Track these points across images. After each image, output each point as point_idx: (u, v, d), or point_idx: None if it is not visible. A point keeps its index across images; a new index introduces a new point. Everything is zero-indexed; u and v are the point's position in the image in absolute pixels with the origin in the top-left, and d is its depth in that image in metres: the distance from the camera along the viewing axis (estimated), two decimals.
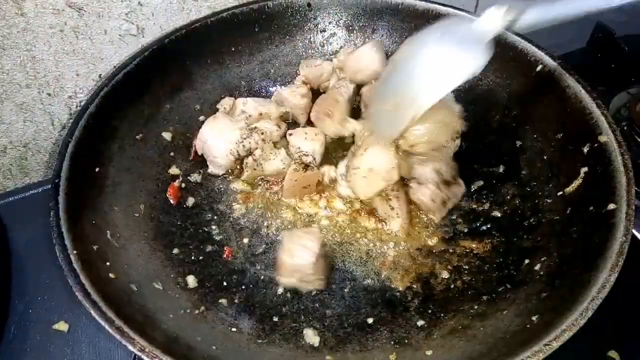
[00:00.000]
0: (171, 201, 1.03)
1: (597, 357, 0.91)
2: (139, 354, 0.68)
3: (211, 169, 1.10)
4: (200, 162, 1.11)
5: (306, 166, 1.07)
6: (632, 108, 1.24)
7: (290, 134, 1.11)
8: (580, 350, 0.89)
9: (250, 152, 1.08)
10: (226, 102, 1.15)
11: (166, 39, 1.10)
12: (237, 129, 1.07)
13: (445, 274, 0.95)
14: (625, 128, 1.23)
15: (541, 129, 1.04)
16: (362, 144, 1.05)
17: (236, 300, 0.92)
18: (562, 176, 0.96)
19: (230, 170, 1.10)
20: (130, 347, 0.68)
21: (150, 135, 1.06)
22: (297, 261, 0.90)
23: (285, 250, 0.91)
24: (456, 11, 1.15)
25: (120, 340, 0.69)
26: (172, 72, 1.12)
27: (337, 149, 1.16)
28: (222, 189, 1.09)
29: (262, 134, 1.09)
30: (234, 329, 0.86)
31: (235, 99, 1.16)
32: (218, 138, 1.07)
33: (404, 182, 1.04)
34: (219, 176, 1.10)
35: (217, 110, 1.15)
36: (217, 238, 1.02)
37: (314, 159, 1.08)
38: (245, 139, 1.07)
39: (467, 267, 0.96)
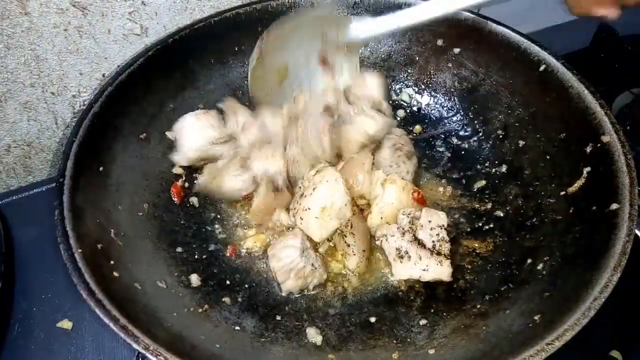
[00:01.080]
0: (175, 200, 1.04)
1: (600, 357, 0.91)
2: (144, 352, 0.68)
3: (175, 156, 1.06)
4: None
5: (275, 188, 1.02)
6: (635, 107, 1.24)
7: (250, 160, 1.04)
8: (583, 350, 0.89)
9: (214, 159, 1.04)
10: (229, 105, 1.11)
11: (170, 38, 1.10)
12: (217, 130, 1.04)
13: None
14: (628, 128, 1.23)
15: (544, 128, 1.04)
16: (309, 183, 1.00)
17: (239, 299, 0.92)
18: (565, 176, 0.96)
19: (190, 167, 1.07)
20: (135, 346, 0.69)
21: (154, 134, 1.07)
22: (286, 261, 0.91)
23: (272, 259, 0.94)
24: (460, 12, 1.15)
25: (125, 338, 0.69)
26: (176, 72, 1.12)
27: None
28: None
29: (237, 148, 1.04)
30: (237, 328, 0.87)
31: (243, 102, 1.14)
32: (195, 128, 1.04)
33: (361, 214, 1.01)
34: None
35: (220, 111, 1.16)
36: (220, 237, 1.02)
37: (284, 178, 1.03)
38: (219, 142, 1.03)
39: (469, 267, 0.96)
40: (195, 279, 0.92)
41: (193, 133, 1.04)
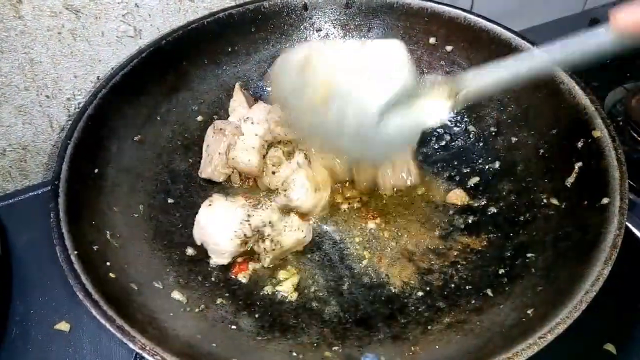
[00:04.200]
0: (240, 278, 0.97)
1: (594, 350, 0.92)
2: (140, 352, 0.69)
3: (214, 260, 0.96)
4: (198, 162, 1.12)
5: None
6: (627, 103, 1.25)
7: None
8: (577, 344, 0.89)
9: (258, 231, 0.95)
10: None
11: (163, 40, 1.10)
12: (239, 207, 0.95)
13: (442, 270, 0.96)
14: (621, 123, 1.24)
15: (536, 125, 1.05)
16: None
17: (235, 299, 0.93)
18: (557, 171, 0.96)
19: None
20: (132, 345, 0.69)
21: (149, 136, 1.07)
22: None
23: None
24: (452, 10, 1.16)
25: (122, 338, 0.70)
26: (169, 73, 1.12)
27: None
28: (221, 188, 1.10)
29: (282, 144, 1.05)
30: (233, 327, 0.87)
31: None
32: (218, 222, 0.94)
33: None
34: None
35: (214, 112, 1.17)
36: None
37: None
38: (251, 216, 0.94)
39: (464, 263, 0.97)
40: (191, 279, 0.93)
41: (217, 227, 0.94)
